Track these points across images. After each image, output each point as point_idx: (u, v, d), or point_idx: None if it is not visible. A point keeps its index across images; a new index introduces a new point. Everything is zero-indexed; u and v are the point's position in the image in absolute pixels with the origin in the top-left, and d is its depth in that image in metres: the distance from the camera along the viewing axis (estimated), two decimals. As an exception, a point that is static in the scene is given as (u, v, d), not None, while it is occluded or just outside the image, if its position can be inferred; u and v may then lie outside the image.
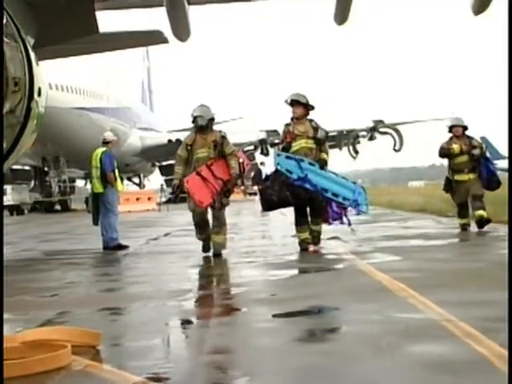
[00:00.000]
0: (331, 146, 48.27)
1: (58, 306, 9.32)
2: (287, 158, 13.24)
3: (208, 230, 12.75)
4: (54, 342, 6.32)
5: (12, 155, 15.17)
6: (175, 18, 19.00)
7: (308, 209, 14.40)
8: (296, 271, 11.87)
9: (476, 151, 16.15)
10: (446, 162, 17.99)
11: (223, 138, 12.47)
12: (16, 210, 61.60)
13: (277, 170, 13.87)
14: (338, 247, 12.46)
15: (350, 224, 14.69)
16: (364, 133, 52.03)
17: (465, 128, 16.76)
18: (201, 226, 12.52)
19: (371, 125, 50.54)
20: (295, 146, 13.40)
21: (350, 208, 14.54)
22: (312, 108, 13.87)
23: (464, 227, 16.52)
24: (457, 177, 16.43)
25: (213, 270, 12.58)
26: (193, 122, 12.50)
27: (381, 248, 14.19)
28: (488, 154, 16.82)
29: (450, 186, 16.69)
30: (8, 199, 60.53)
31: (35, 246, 21.20)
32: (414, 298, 8.52)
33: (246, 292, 9.86)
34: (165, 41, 22.48)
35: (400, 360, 5.79)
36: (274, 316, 8.26)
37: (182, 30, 19.25)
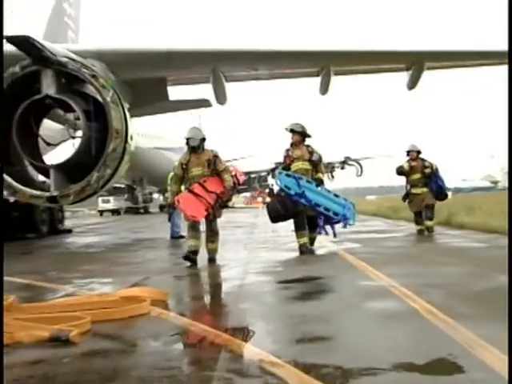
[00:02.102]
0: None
1: (141, 274, 9.47)
2: (287, 175, 11.89)
3: (199, 233, 10.58)
4: (139, 298, 6.45)
5: (114, 177, 15.40)
6: (217, 91, 19.17)
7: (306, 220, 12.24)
8: (294, 254, 11.57)
9: (427, 170, 15.18)
10: (399, 181, 17.66)
11: (216, 156, 10.54)
12: (116, 212, 61.90)
13: (280, 189, 12.27)
14: (321, 239, 12.39)
15: (335, 235, 12.77)
16: (338, 164, 52.21)
17: (418, 152, 15.63)
18: (194, 228, 10.49)
19: (342, 159, 50.96)
20: (293, 167, 12.05)
21: (338, 222, 12.47)
22: (308, 136, 12.38)
23: (420, 232, 15.41)
24: (413, 190, 15.39)
25: (246, 254, 12.48)
26: (186, 143, 10.60)
27: (349, 239, 14.20)
28: (438, 173, 15.42)
29: (407, 197, 15.70)
30: (111, 205, 62.09)
31: (127, 235, 21.19)
32: (370, 272, 8.75)
33: (261, 266, 9.93)
34: (209, 105, 22.46)
35: (361, 311, 6.09)
36: (279, 282, 8.32)
37: (221, 98, 19.31)
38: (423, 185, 15.27)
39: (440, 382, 3.70)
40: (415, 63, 19.53)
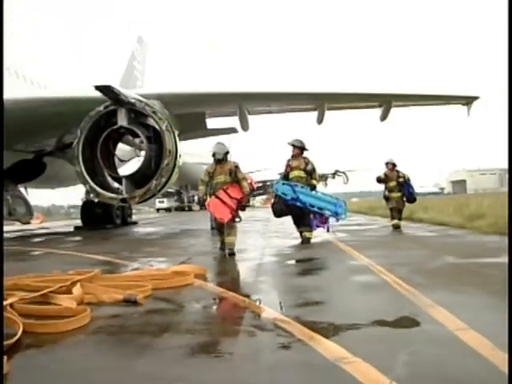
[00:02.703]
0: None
1: (186, 255, 9.46)
2: (283, 184, 11.25)
3: (225, 233, 9.64)
4: (185, 272, 6.45)
5: (167, 184, 15.44)
6: (242, 121, 19.25)
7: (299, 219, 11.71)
8: (299, 241, 11.26)
9: (400, 179, 14.63)
10: (375, 187, 17.43)
11: (236, 167, 9.70)
12: (168, 209, 62.06)
13: (277, 195, 11.58)
14: (319, 230, 12.30)
15: (328, 230, 12.33)
16: (330, 175, 51.87)
17: (394, 165, 14.92)
18: (221, 231, 9.70)
19: (333, 171, 50.69)
20: (291, 175, 11.36)
21: (331, 218, 11.95)
22: (305, 149, 11.64)
23: (394, 226, 14.63)
24: (389, 194, 14.86)
25: (262, 240, 12.47)
26: (212, 155, 9.76)
27: (339, 230, 14.14)
28: (409, 181, 14.94)
29: (386, 198, 15.08)
30: (165, 204, 62.65)
31: (176, 226, 21.23)
32: (355, 254, 8.69)
33: (274, 250, 9.94)
34: (236, 131, 22.47)
35: (347, 282, 6.06)
36: (287, 261, 8.32)
37: (245, 126, 19.35)
38: (398, 190, 14.77)
39: (403, 332, 3.72)
40: (385, 102, 19.56)
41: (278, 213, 11.66)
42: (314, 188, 11.45)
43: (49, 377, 3.06)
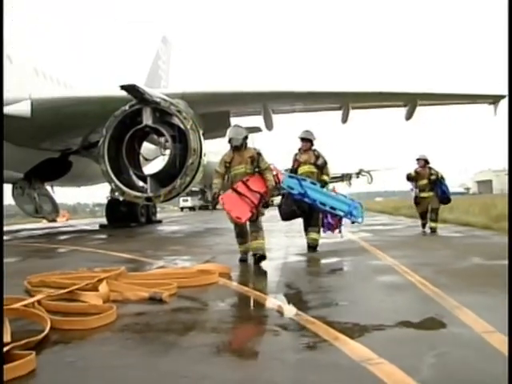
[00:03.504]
0: (340, 180, 47.55)
1: (211, 253, 9.48)
2: (290, 177, 9.60)
3: (248, 237, 8.18)
4: (210, 270, 6.47)
5: (192, 183, 15.53)
6: (266, 120, 19.30)
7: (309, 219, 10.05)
8: (321, 241, 10.35)
9: (432, 177, 13.27)
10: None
11: (259, 154, 8.19)
12: (192, 208, 62.28)
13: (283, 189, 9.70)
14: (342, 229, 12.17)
15: (340, 232, 10.56)
16: (354, 174, 51.51)
17: (426, 161, 13.62)
18: (242, 235, 8.27)
19: (357, 171, 50.30)
20: (300, 170, 9.88)
21: (345, 218, 10.28)
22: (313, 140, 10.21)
23: (423, 225, 13.60)
24: (421, 194, 13.47)
25: (286, 240, 12.44)
26: (229, 142, 8.26)
27: (362, 230, 14.07)
28: (443, 180, 13.52)
29: (416, 200, 13.70)
30: (189, 203, 62.60)
31: (200, 225, 21.31)
32: (379, 254, 8.69)
33: (298, 249, 9.88)
34: (260, 131, 22.48)
35: (373, 282, 6.02)
36: (311, 261, 8.30)
37: (269, 126, 19.36)
38: (429, 189, 13.44)
39: (429, 334, 3.68)
40: (410, 101, 19.42)
41: (287, 215, 10.01)
42: (325, 185, 10.08)
43: (76, 373, 3.09)
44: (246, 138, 8.24)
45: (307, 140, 10.10)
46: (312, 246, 9.63)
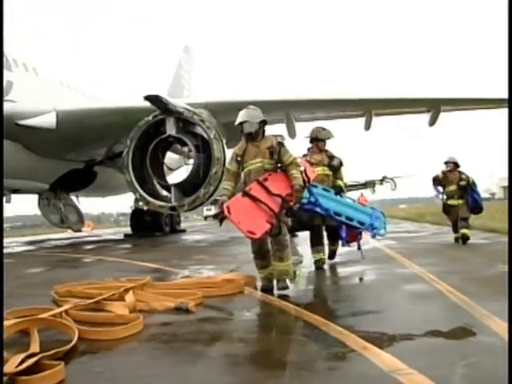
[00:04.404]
0: (363, 188, 47.28)
1: (236, 263, 9.48)
2: None
3: (270, 259, 6.14)
4: (235, 280, 6.46)
5: (216, 193, 15.47)
6: (289, 128, 19.26)
7: (325, 232, 8.76)
8: (348, 249, 9.63)
9: (462, 182, 11.80)
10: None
11: (280, 144, 6.17)
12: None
13: None
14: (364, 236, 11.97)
15: (359, 248, 8.81)
16: (377, 181, 51.17)
17: (456, 164, 12.20)
18: (262, 256, 6.21)
19: (381, 178, 49.97)
20: None
21: (365, 231, 8.56)
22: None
23: (457, 239, 11.96)
24: (449, 202, 12.08)
25: (304, 247, 12.37)
26: (240, 130, 6.21)
27: (387, 237, 13.89)
28: (475, 186, 12.01)
29: (445, 208, 12.31)
30: (212, 212, 61.08)
31: (224, 234, 21.30)
32: (405, 262, 8.57)
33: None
34: (283, 139, 22.44)
35: (400, 291, 5.96)
36: (338, 270, 8.22)
37: (292, 133, 19.30)
38: (459, 197, 12.05)
39: (459, 343, 3.60)
40: (434, 107, 19.26)
41: (294, 227, 7.52)
42: (340, 191, 8.44)
43: (104, 383, 3.10)
44: (263, 123, 6.29)
45: (322, 140, 8.67)
46: (319, 266, 8.21)
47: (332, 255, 9.06)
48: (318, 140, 8.65)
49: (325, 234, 8.86)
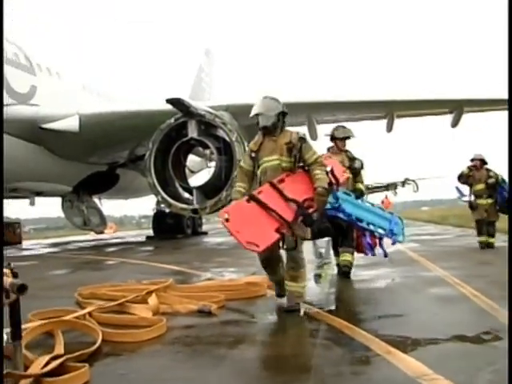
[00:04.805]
0: (385, 190, 47.03)
1: (257, 265, 9.30)
2: None
3: (280, 270, 5.41)
4: (258, 283, 6.47)
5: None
6: (311, 130, 19.20)
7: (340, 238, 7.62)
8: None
9: (490, 180, 10.97)
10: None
11: (302, 140, 5.23)
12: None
13: None
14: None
15: (386, 255, 7.73)
16: (399, 183, 50.77)
17: (483, 161, 11.29)
18: (270, 264, 5.44)
19: (403, 180, 49.60)
20: None
21: (385, 238, 7.54)
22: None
23: (481, 245, 11.05)
24: (477, 201, 11.21)
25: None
26: (256, 124, 5.40)
27: (410, 240, 13.78)
28: (504, 184, 10.99)
29: (472, 205, 11.30)
30: None
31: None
32: (429, 265, 8.46)
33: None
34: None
35: (424, 294, 5.90)
36: (361, 274, 8.13)
37: (313, 135, 19.21)
38: (488, 196, 11.21)
39: (485, 349, 3.55)
40: (456, 108, 19.08)
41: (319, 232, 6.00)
42: (361, 195, 7.71)
43: (129, 386, 3.12)
44: (282, 115, 5.40)
45: (341, 139, 7.96)
46: (345, 271, 7.45)
47: (348, 271, 7.64)
48: (336, 139, 7.96)
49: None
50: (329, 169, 5.36)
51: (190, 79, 36.90)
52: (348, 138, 8.00)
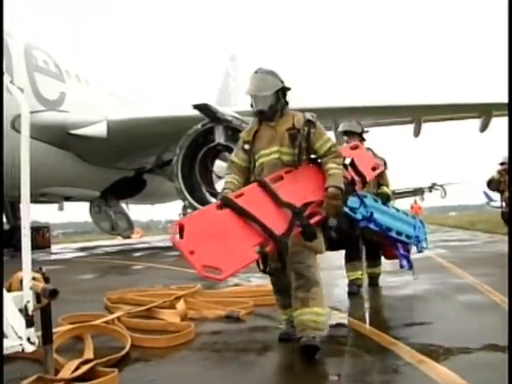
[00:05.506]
0: (412, 195, 46.46)
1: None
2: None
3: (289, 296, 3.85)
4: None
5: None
6: (337, 135, 19.09)
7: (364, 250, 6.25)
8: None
9: None
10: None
11: (310, 123, 3.66)
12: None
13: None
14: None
15: (411, 267, 6.74)
16: (426, 188, 50.25)
17: None
18: (283, 289, 3.99)
19: (430, 185, 49.07)
20: None
21: (412, 247, 6.69)
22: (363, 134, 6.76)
23: None
24: (506, 210, 10.20)
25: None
26: (251, 105, 3.84)
27: (438, 246, 13.64)
28: None
29: (504, 216, 10.42)
30: None
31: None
32: (459, 272, 8.27)
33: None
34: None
35: (454, 302, 5.78)
36: (387, 281, 8.03)
37: (340, 141, 19.12)
38: None
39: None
40: (485, 112, 18.87)
41: (337, 243, 5.50)
42: (387, 200, 6.52)
43: (158, 392, 3.12)
44: (282, 93, 3.97)
45: (357, 134, 6.67)
46: (353, 291, 6.48)
47: (373, 280, 7.04)
48: (346, 133, 6.76)
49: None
50: (348, 161, 4.13)
51: (188, 78, 37.28)
52: (355, 133, 6.69)
